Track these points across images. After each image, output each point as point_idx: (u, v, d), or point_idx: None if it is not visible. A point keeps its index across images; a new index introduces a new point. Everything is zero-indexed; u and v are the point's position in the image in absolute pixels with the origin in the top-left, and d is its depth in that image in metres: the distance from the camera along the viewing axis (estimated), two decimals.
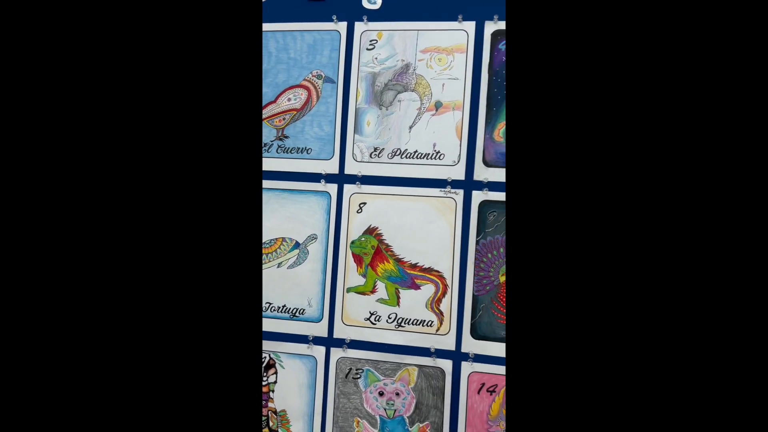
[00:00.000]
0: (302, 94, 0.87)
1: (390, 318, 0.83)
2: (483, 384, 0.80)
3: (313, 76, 0.87)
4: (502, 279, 0.79)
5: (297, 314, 0.86)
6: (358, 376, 0.83)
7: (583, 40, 0.53)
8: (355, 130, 0.85)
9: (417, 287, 0.82)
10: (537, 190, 0.53)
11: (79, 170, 0.55)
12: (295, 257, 0.86)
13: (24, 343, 0.54)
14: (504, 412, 0.78)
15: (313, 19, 0.87)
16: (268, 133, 0.88)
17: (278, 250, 0.87)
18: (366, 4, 0.82)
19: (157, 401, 0.54)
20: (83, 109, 0.54)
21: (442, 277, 0.81)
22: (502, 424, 0.78)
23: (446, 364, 0.81)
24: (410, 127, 0.83)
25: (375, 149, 0.84)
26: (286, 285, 0.86)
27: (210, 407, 0.55)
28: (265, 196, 0.87)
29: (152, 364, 0.54)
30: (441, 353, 0.81)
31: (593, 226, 0.52)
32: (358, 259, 0.84)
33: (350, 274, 0.84)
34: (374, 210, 0.84)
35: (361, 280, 0.84)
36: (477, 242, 0.80)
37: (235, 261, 0.56)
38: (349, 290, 0.84)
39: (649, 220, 0.52)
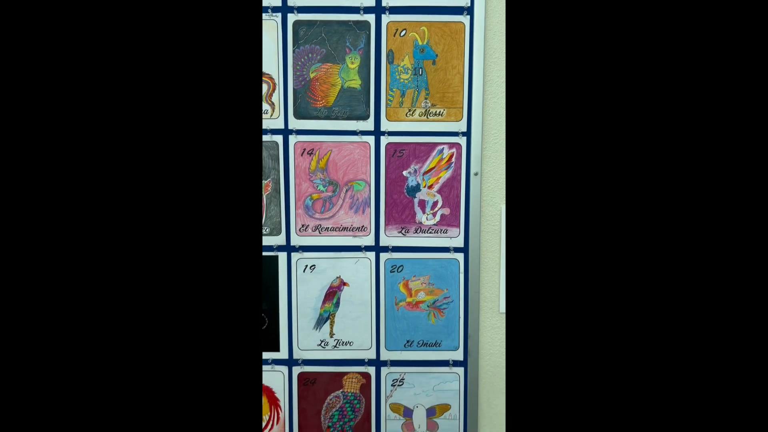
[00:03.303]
0: None
1: None
2: (304, 149, 1.12)
3: None
4: (312, 75, 1.09)
5: None
6: None
7: (579, 38, 0.53)
8: None
9: None
10: (535, 187, 0.54)
11: (76, 150, 0.53)
12: None
13: (22, 342, 0.52)
14: (320, 165, 1.12)
15: None
16: None
17: None
18: None
19: (157, 393, 0.53)
20: (82, 102, 0.52)
21: (272, 78, 1.10)
22: (319, 174, 1.13)
23: (279, 138, 1.12)
24: None
25: None
26: None
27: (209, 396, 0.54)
28: None
29: (151, 355, 0.53)
30: (275, 131, 1.11)
31: (589, 224, 0.53)
32: None
33: None
34: None
35: None
36: (293, 51, 1.09)
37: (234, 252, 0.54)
38: None
39: (647, 219, 0.51)
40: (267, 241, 1.13)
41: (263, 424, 1.17)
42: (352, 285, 1.14)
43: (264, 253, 1.13)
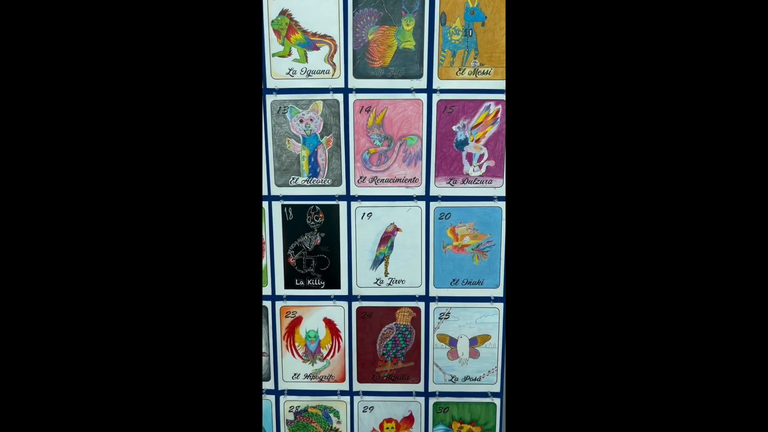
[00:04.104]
0: None
1: (302, 71, 1.19)
2: (362, 107, 1.21)
3: None
4: (370, 37, 1.16)
5: None
6: (285, 111, 1.21)
7: (581, 39, 0.52)
8: None
9: (318, 48, 1.18)
10: (536, 187, 0.53)
11: (81, 145, 0.51)
12: None
13: (23, 343, 0.51)
14: (377, 122, 1.21)
15: None
16: None
17: None
18: None
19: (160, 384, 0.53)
20: (82, 100, 0.51)
21: (333, 40, 1.17)
22: (375, 130, 1.22)
23: (339, 97, 1.20)
24: None
25: None
26: None
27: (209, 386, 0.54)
28: None
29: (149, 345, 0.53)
30: (336, 90, 1.20)
31: (590, 226, 0.52)
32: (277, 33, 1.17)
33: (273, 44, 1.18)
34: None
35: (280, 48, 1.18)
36: (353, 14, 1.15)
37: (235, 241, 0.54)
38: (273, 55, 1.18)
39: (648, 221, 0.51)
40: (329, 191, 1.24)
41: (326, 353, 1.32)
42: (405, 230, 1.26)
43: (326, 203, 1.24)
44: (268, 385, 1.34)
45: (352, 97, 1.19)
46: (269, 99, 1.20)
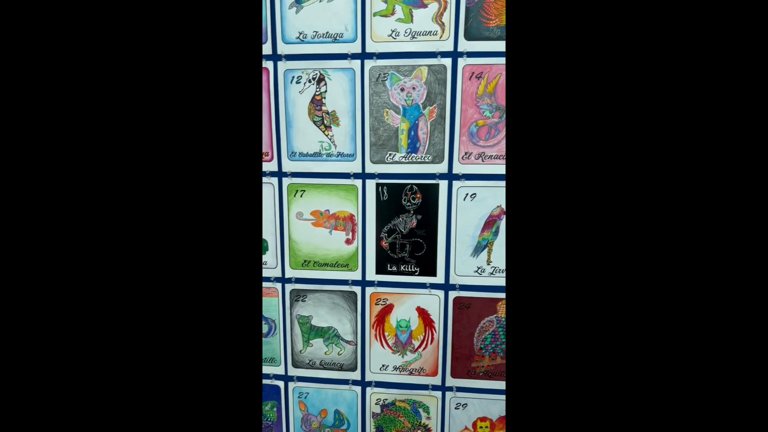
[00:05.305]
0: None
1: (406, 32, 1.06)
2: (473, 73, 1.07)
3: None
4: None
5: (337, 38, 1.08)
6: (385, 78, 1.09)
7: (581, 39, 0.51)
8: None
9: (425, 6, 1.04)
10: (537, 183, 0.52)
11: (82, 142, 0.51)
12: None
13: (23, 344, 0.51)
14: (488, 90, 1.07)
15: None
16: None
17: None
18: None
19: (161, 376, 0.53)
20: (82, 100, 0.51)
21: None
22: (486, 100, 1.07)
23: (447, 62, 1.06)
24: None
25: None
26: (327, 15, 1.06)
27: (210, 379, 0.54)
28: None
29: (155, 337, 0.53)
30: (444, 54, 1.05)
31: (591, 227, 0.51)
32: None
33: (375, 2, 1.05)
34: None
35: (383, 6, 1.05)
36: None
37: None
38: (375, 14, 1.06)
39: (649, 220, 0.50)
40: (429, 168, 1.11)
41: (417, 344, 1.21)
42: None
43: (425, 182, 1.12)
44: (354, 375, 1.25)
45: (461, 61, 1.05)
46: (368, 65, 1.07)
